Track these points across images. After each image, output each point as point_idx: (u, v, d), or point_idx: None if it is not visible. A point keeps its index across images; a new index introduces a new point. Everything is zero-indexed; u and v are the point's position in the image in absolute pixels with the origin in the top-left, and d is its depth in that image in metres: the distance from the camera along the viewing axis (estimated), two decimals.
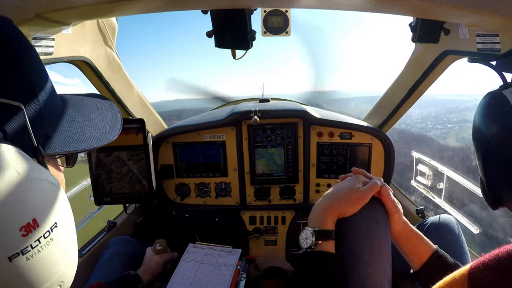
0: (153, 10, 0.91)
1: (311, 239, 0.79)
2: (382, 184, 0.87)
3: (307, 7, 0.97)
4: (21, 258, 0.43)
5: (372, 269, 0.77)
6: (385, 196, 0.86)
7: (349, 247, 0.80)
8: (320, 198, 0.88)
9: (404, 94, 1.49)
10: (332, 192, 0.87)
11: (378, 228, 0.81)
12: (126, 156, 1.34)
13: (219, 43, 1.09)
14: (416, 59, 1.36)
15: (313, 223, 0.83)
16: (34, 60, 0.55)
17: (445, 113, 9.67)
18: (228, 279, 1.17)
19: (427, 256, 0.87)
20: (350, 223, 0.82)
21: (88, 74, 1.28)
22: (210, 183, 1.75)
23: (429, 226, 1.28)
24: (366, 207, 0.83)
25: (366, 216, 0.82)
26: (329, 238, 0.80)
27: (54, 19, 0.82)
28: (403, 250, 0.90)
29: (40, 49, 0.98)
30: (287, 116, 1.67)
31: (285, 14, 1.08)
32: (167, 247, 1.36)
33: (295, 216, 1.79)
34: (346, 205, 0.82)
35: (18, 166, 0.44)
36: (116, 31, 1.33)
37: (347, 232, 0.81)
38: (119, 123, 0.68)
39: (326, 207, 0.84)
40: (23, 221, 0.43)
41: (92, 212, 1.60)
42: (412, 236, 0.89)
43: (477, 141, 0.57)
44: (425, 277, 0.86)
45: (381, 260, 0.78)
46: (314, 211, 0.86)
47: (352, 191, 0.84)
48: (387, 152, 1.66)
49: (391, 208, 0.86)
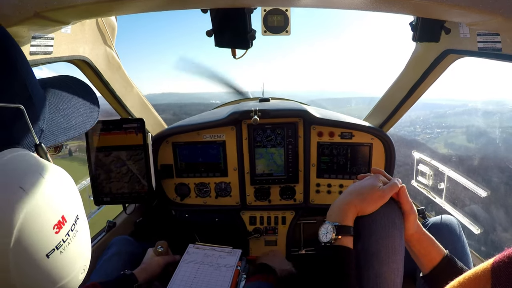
0: (153, 9, 0.91)
1: (331, 234, 0.80)
2: (401, 184, 0.88)
3: (307, 6, 0.97)
4: (56, 253, 0.48)
5: (387, 268, 0.78)
6: (403, 197, 0.87)
7: (366, 245, 0.81)
8: (341, 194, 0.90)
9: (404, 93, 1.48)
10: (353, 189, 0.89)
11: (395, 228, 0.82)
12: (125, 156, 1.33)
13: (219, 43, 1.09)
14: (416, 59, 1.36)
15: (334, 218, 0.84)
16: (23, 59, 0.56)
17: (434, 117, 9.70)
18: (228, 280, 1.17)
19: (438, 260, 0.87)
20: (368, 221, 0.83)
21: (88, 74, 1.28)
22: (210, 183, 1.75)
23: (430, 227, 1.28)
24: (384, 206, 0.84)
25: (384, 215, 0.83)
26: (349, 234, 0.81)
27: (53, 18, 0.82)
28: (414, 253, 0.91)
29: (39, 48, 0.98)
30: (287, 116, 1.67)
31: (285, 13, 1.08)
32: (168, 249, 1.36)
33: (295, 216, 1.79)
34: (367, 202, 0.84)
35: (39, 169, 0.48)
36: (116, 31, 1.33)
37: (364, 230, 0.83)
38: (96, 104, 0.71)
39: (347, 203, 0.85)
40: (55, 220, 0.48)
41: (91, 212, 1.59)
42: (425, 239, 0.90)
43: None
44: (435, 281, 0.86)
45: (396, 260, 0.79)
46: (335, 206, 0.87)
47: (374, 189, 0.85)
48: (388, 152, 1.65)
49: (408, 209, 0.87)
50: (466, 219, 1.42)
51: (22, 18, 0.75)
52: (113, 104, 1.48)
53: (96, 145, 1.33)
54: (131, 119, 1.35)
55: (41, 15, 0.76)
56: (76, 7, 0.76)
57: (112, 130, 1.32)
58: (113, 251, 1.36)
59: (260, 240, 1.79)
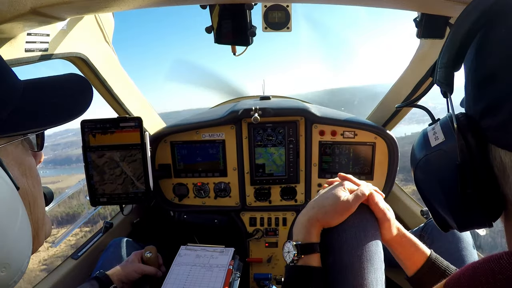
0: (151, 5, 0.89)
1: (293, 253, 0.75)
2: (370, 190, 0.82)
3: (309, 2, 0.94)
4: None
5: (363, 280, 0.72)
6: (373, 205, 0.81)
7: (337, 258, 0.75)
8: (304, 209, 0.84)
9: (408, 91, 1.46)
10: (315, 201, 0.83)
11: (368, 237, 0.76)
12: (119, 157, 1.31)
13: (219, 39, 1.07)
14: (421, 56, 1.33)
15: (297, 235, 0.79)
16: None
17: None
18: (221, 280, 1.14)
19: (422, 262, 0.83)
20: (337, 232, 0.77)
21: (84, 71, 1.26)
22: (209, 183, 1.72)
23: (434, 228, 1.25)
24: (354, 215, 0.78)
25: (354, 225, 0.77)
26: (313, 252, 0.76)
27: (49, 14, 0.80)
28: (397, 256, 0.87)
29: (34, 45, 0.96)
30: (288, 114, 1.64)
31: (287, 9, 1.05)
32: (158, 255, 1.30)
33: (296, 217, 1.76)
34: (330, 216, 0.77)
35: None
36: (113, 27, 1.31)
37: (334, 242, 0.77)
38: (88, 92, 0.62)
39: (309, 218, 0.79)
40: None
41: (88, 213, 1.57)
42: (406, 242, 0.85)
43: (412, 170, 0.60)
44: (419, 283, 0.83)
45: (372, 270, 0.73)
46: (298, 222, 0.82)
47: (337, 201, 0.78)
48: (391, 152, 1.63)
49: (380, 216, 0.81)
50: None
51: (17, 14, 0.73)
52: (110, 102, 1.46)
53: (92, 144, 1.31)
54: (128, 117, 1.32)
55: (37, 11, 0.74)
56: (73, 2, 0.74)
57: (109, 128, 1.30)
58: (111, 252, 1.34)
59: (260, 242, 1.77)
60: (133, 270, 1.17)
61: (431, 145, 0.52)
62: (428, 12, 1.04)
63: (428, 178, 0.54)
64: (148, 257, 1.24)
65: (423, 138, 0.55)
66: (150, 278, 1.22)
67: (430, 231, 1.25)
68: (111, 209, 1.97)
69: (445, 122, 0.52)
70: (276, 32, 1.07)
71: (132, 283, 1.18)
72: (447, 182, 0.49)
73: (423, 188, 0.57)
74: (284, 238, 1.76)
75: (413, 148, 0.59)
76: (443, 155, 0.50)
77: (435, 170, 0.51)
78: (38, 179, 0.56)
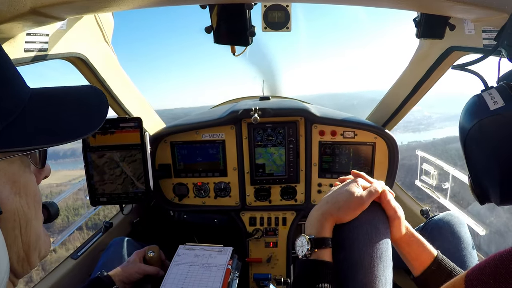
0: (150, 5, 0.89)
1: (307, 247, 0.76)
2: (383, 188, 0.83)
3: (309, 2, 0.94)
4: None
5: (372, 277, 0.73)
6: (385, 202, 0.83)
7: (348, 254, 0.76)
8: (318, 203, 0.85)
9: (408, 91, 1.46)
10: (329, 197, 0.84)
11: (378, 234, 0.78)
12: (119, 157, 1.31)
13: (218, 39, 1.06)
14: (420, 56, 1.34)
15: (310, 229, 0.80)
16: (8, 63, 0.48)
17: None
18: (219, 280, 1.14)
19: (429, 263, 0.84)
20: (348, 229, 0.79)
21: (84, 71, 1.26)
22: (209, 183, 1.72)
23: (433, 227, 1.25)
24: (365, 212, 0.80)
25: (365, 222, 0.79)
26: (326, 246, 0.77)
27: (49, 14, 0.80)
28: (404, 255, 0.87)
29: (34, 45, 0.96)
30: (288, 115, 1.64)
31: (286, 9, 1.05)
32: (161, 253, 1.29)
33: (296, 217, 1.76)
34: (344, 211, 0.79)
35: None
36: (113, 27, 1.31)
37: (345, 239, 0.78)
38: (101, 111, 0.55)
39: (323, 213, 0.80)
40: None
41: (88, 212, 1.57)
42: (414, 242, 0.86)
43: (460, 137, 0.57)
44: (425, 284, 0.83)
45: (382, 267, 0.75)
46: (311, 216, 0.83)
47: (351, 197, 0.80)
48: (391, 152, 1.63)
49: (391, 214, 0.82)
50: (471, 220, 1.40)
51: (17, 13, 0.73)
52: (110, 103, 1.46)
53: (92, 144, 1.31)
54: (128, 118, 1.33)
55: (36, 11, 0.74)
56: (73, 2, 0.74)
57: (109, 129, 1.30)
58: (112, 252, 1.34)
59: (260, 242, 1.77)
60: (135, 271, 1.17)
61: (489, 108, 0.49)
62: (427, 12, 1.04)
63: (480, 143, 0.51)
64: (151, 257, 1.24)
65: (479, 101, 0.52)
66: (151, 278, 1.22)
67: (430, 231, 1.25)
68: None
69: (504, 88, 0.48)
70: (275, 32, 1.07)
71: (134, 284, 1.17)
72: (503, 150, 0.46)
73: (472, 152, 0.54)
74: (284, 238, 1.76)
75: (463, 111, 0.56)
76: (502, 121, 0.47)
77: (491, 136, 0.48)
78: (37, 198, 0.51)
